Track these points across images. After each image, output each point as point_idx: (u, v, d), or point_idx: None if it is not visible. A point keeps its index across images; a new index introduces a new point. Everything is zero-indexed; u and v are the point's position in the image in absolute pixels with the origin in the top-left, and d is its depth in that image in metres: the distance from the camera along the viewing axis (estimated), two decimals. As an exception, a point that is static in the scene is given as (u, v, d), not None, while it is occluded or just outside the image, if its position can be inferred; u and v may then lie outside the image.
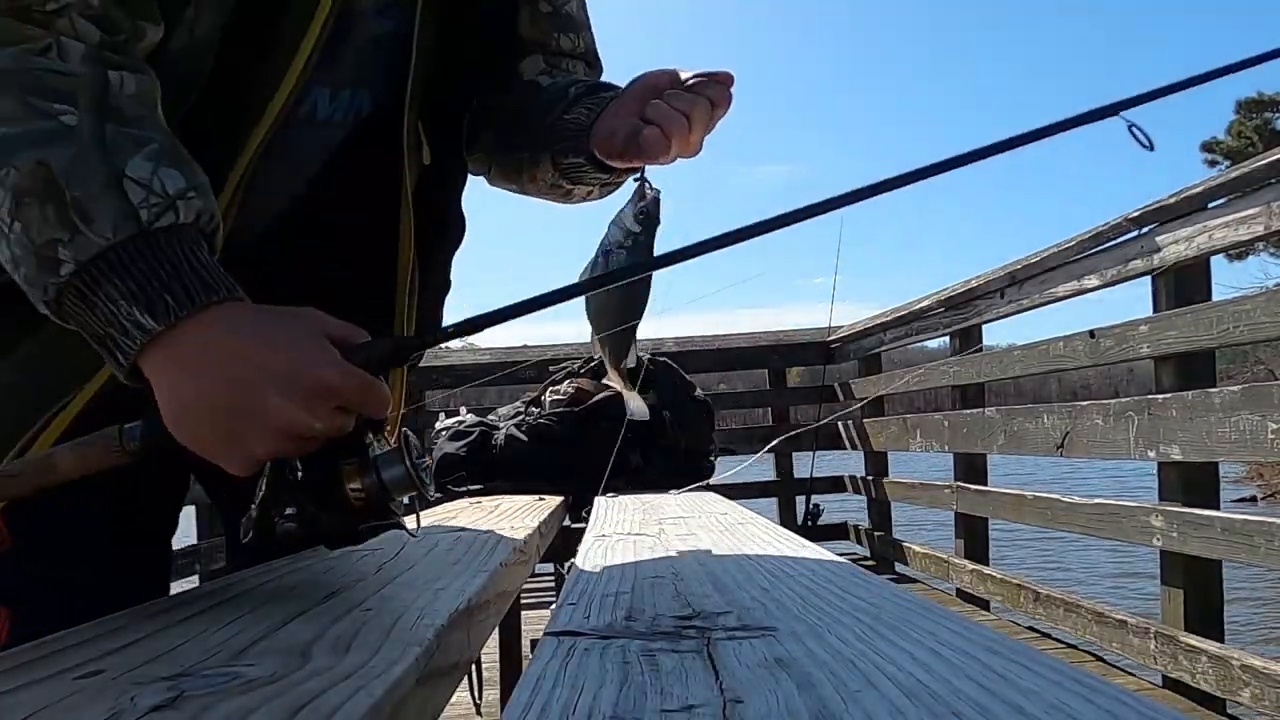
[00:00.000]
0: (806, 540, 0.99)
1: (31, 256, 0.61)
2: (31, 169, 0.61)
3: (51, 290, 0.62)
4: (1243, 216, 2.09)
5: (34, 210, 0.61)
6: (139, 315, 0.61)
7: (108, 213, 0.61)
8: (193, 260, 0.63)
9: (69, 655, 0.49)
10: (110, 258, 0.61)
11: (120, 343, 0.62)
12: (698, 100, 0.84)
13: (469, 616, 0.65)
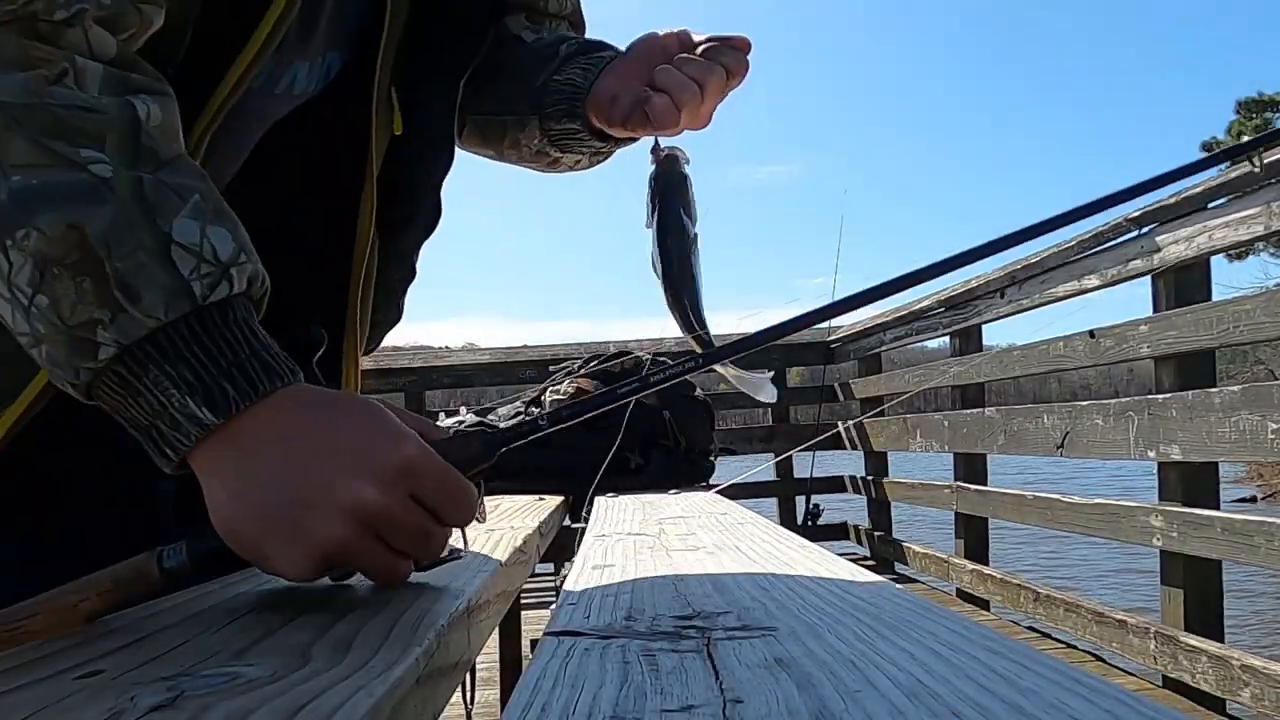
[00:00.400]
0: (806, 540, 0.99)
1: (62, 337, 0.53)
2: (61, 234, 0.51)
3: (85, 375, 0.54)
4: (1243, 216, 2.09)
5: (66, 284, 0.52)
6: (194, 407, 0.53)
7: (156, 288, 0.52)
8: (251, 340, 0.56)
9: (69, 655, 0.49)
10: (160, 340, 0.53)
11: (170, 437, 0.54)
12: (712, 68, 0.78)
13: (469, 616, 0.65)
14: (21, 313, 0.53)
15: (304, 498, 0.54)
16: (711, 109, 0.80)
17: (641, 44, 0.84)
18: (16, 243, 0.52)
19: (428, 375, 4.90)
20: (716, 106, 0.80)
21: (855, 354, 4.85)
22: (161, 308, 0.53)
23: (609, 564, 0.84)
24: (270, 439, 0.55)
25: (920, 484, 4.27)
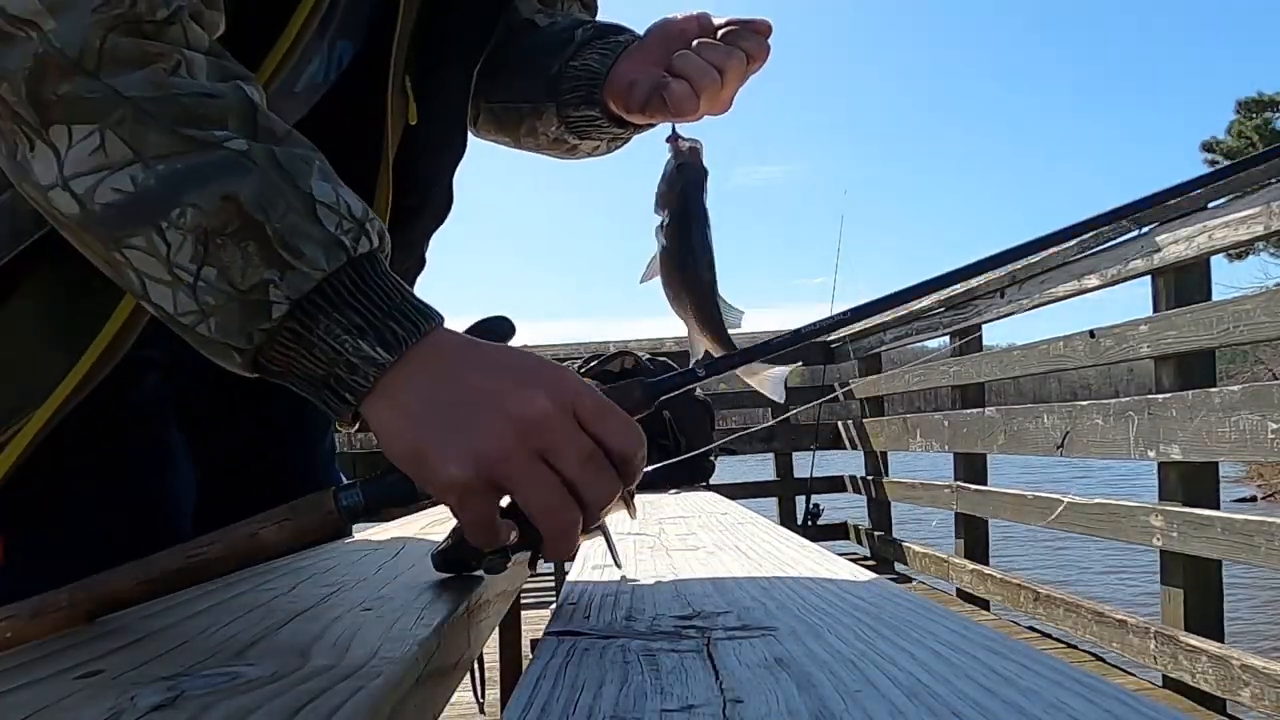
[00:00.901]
0: (806, 540, 0.99)
1: (235, 303, 0.54)
2: (218, 205, 0.53)
3: (259, 337, 0.55)
4: (1243, 216, 2.09)
5: (232, 251, 0.53)
6: (369, 349, 0.55)
7: (314, 243, 0.54)
8: (401, 287, 0.58)
9: (69, 655, 0.49)
10: (326, 291, 0.55)
11: (348, 381, 0.56)
12: (732, 53, 0.77)
13: (469, 616, 0.65)
14: (186, 291, 0.55)
15: (469, 399, 0.55)
16: (732, 94, 0.78)
17: (659, 28, 0.82)
18: (173, 223, 0.54)
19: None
20: (737, 91, 0.79)
21: (855, 354, 4.85)
22: (323, 259, 0.55)
23: (609, 564, 0.84)
24: (438, 367, 0.57)
25: (920, 484, 4.27)
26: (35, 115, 0.54)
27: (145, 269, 0.55)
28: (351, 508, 0.60)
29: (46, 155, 0.54)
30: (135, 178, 0.54)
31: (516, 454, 0.54)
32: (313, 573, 0.77)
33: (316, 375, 0.57)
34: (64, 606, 0.58)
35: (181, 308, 0.56)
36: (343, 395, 0.57)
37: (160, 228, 0.54)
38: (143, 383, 0.86)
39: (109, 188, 0.54)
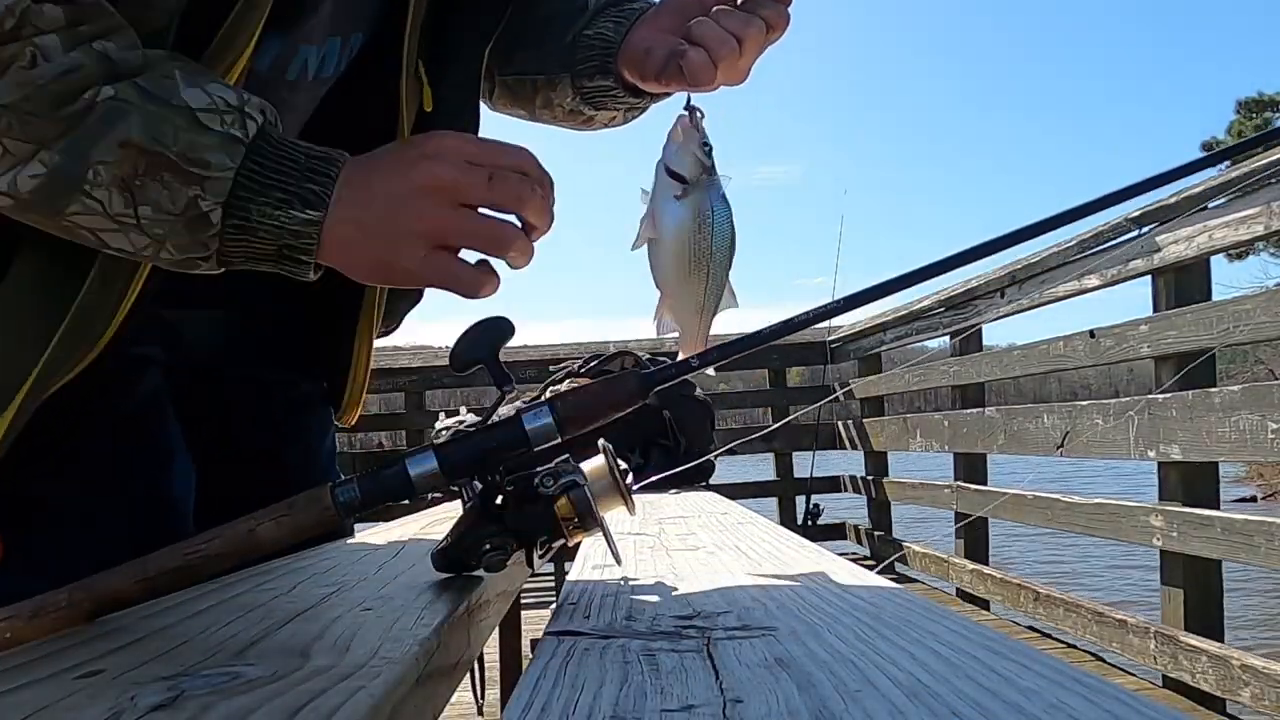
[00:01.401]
0: (806, 540, 0.99)
1: (180, 225, 0.61)
2: (119, 155, 0.59)
3: (212, 244, 0.62)
4: (1243, 216, 2.09)
5: (153, 186, 0.60)
6: (299, 213, 0.62)
7: (212, 149, 0.61)
8: (296, 149, 0.64)
9: (69, 655, 0.49)
10: (243, 183, 0.61)
11: (297, 245, 0.63)
12: (751, 20, 0.76)
13: (469, 616, 0.65)
14: (135, 231, 0.62)
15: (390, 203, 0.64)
16: (750, 64, 0.77)
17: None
18: (93, 183, 0.60)
19: (428, 375, 4.90)
20: (754, 61, 0.78)
21: (855, 354, 4.85)
22: (226, 159, 0.61)
23: (609, 564, 0.84)
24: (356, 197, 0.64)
25: (920, 484, 4.27)
26: None
27: (93, 225, 0.62)
28: (348, 503, 0.61)
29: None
30: (44, 160, 0.60)
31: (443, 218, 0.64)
32: (313, 573, 0.77)
33: (270, 252, 0.64)
34: (64, 606, 0.58)
35: (137, 245, 0.63)
36: (298, 259, 0.64)
37: (85, 191, 0.60)
38: (141, 381, 0.86)
39: (26, 177, 0.60)
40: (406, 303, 1.02)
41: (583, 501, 0.63)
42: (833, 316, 0.73)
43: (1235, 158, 2.15)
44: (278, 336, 0.99)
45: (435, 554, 0.68)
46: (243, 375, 0.98)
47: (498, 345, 0.66)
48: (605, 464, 0.66)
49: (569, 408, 0.63)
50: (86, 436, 0.81)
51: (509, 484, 0.64)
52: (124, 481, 0.84)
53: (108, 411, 0.82)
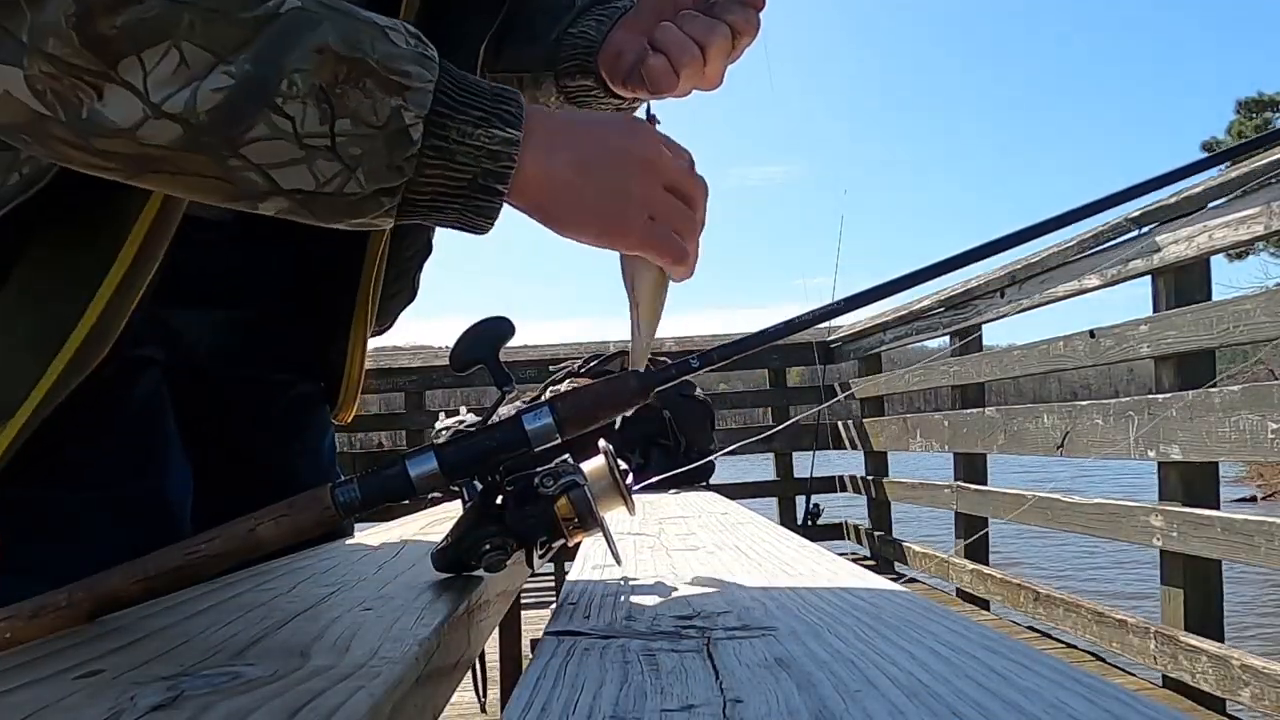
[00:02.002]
0: (806, 540, 0.99)
1: (379, 142, 0.55)
2: (317, 61, 0.54)
3: (409, 167, 0.57)
4: (1243, 216, 2.09)
5: (355, 95, 0.55)
6: (500, 131, 0.58)
7: (409, 62, 0.56)
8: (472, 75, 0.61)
9: (69, 655, 0.49)
10: (442, 99, 0.57)
11: (495, 170, 0.59)
12: (715, 26, 0.74)
13: (469, 616, 0.65)
14: (325, 155, 0.55)
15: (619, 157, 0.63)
16: (719, 70, 0.76)
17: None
18: (286, 95, 0.54)
19: (428, 375, 4.90)
20: (726, 67, 0.77)
21: (855, 354, 4.85)
22: (425, 74, 0.57)
23: (609, 564, 0.84)
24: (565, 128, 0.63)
25: (920, 484, 4.27)
26: (97, 58, 0.52)
27: (271, 158, 0.55)
28: (348, 503, 0.61)
29: (121, 95, 0.53)
30: (229, 72, 0.53)
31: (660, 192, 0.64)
32: (313, 573, 0.77)
33: (463, 181, 0.59)
34: (64, 606, 0.58)
35: (324, 175, 0.56)
36: (493, 188, 0.59)
37: (276, 105, 0.54)
38: (141, 382, 0.86)
39: (209, 91, 0.53)
40: (399, 302, 1.02)
41: (583, 501, 0.63)
42: (833, 317, 0.73)
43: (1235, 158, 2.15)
44: (275, 337, 0.99)
45: (435, 554, 0.68)
46: (242, 375, 0.98)
47: (498, 345, 0.66)
48: (605, 464, 0.66)
49: (569, 408, 0.63)
50: (85, 437, 0.81)
51: (509, 484, 0.64)
52: (122, 482, 0.84)
53: (107, 412, 0.82)
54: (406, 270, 0.99)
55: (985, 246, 0.71)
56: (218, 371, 0.95)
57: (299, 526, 0.61)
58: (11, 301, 0.71)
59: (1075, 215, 0.72)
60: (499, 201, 0.60)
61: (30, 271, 0.71)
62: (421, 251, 1.00)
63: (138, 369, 0.85)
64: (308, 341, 1.00)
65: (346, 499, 0.61)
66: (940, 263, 0.70)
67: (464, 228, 0.62)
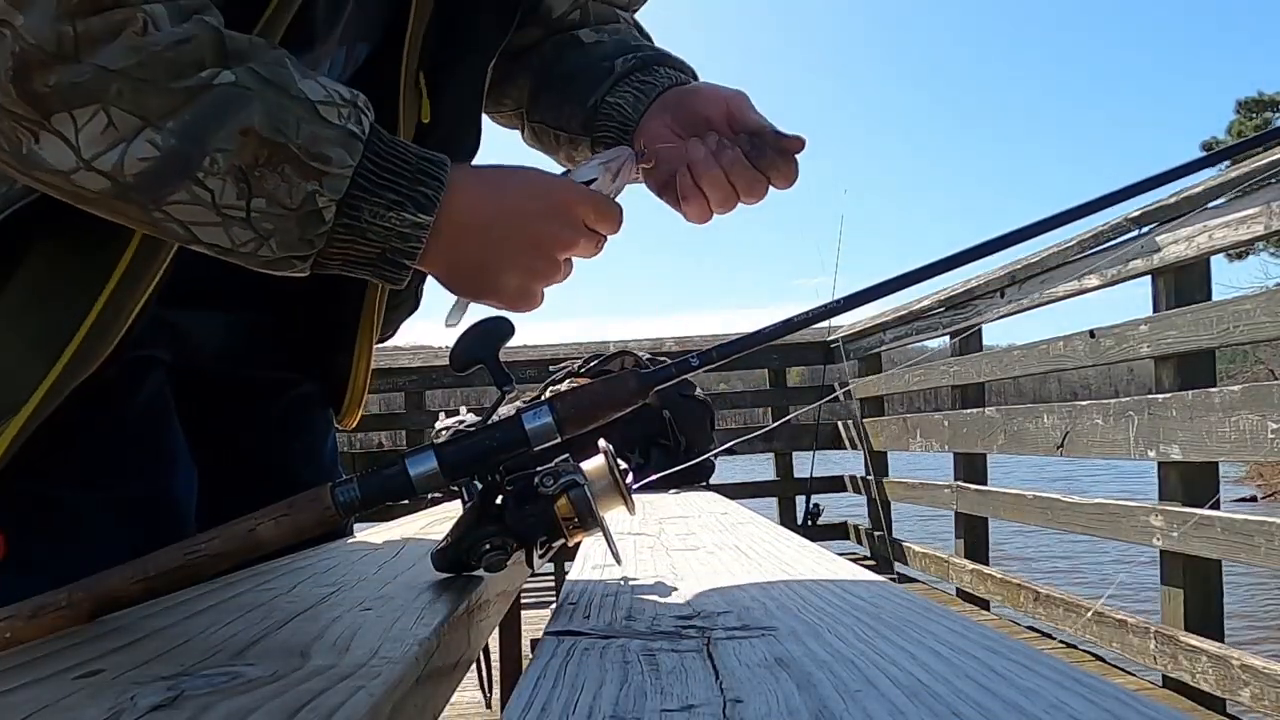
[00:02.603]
0: (807, 540, 0.99)
1: (291, 221, 0.59)
2: (240, 142, 0.57)
3: (318, 243, 0.61)
4: (1243, 216, 2.09)
5: (272, 178, 0.58)
6: (411, 215, 0.62)
7: (332, 144, 0.59)
8: (407, 149, 0.63)
9: (69, 655, 0.49)
10: (359, 182, 0.60)
11: (403, 249, 0.63)
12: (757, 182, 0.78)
13: (469, 616, 0.65)
14: (240, 225, 0.59)
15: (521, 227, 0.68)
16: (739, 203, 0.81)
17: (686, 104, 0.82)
18: (208, 171, 0.57)
19: (428, 375, 4.90)
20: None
21: (855, 354, 4.85)
22: (346, 156, 0.59)
23: (609, 564, 0.84)
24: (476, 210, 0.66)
25: (920, 484, 4.27)
26: (31, 110, 0.56)
27: (191, 218, 0.59)
28: (348, 503, 0.61)
29: (55, 143, 0.57)
30: (154, 141, 0.56)
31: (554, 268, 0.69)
32: (313, 573, 0.77)
33: (372, 255, 0.63)
34: (64, 606, 0.58)
35: (238, 240, 0.60)
36: (400, 263, 0.64)
37: (198, 179, 0.57)
38: (146, 382, 0.86)
39: (135, 158, 0.57)
40: (403, 313, 1.02)
41: (582, 501, 0.63)
42: (833, 316, 0.74)
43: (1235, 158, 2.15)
44: (281, 340, 0.99)
45: (435, 554, 0.68)
46: (246, 376, 0.98)
47: (498, 345, 0.66)
48: (605, 464, 0.66)
49: (568, 407, 0.63)
50: (90, 437, 0.81)
51: (509, 484, 0.64)
52: (126, 483, 0.84)
53: (112, 413, 0.82)
54: (411, 282, 0.99)
55: (985, 245, 0.71)
56: (221, 372, 0.96)
57: (299, 526, 0.61)
58: (20, 301, 0.71)
59: (1075, 214, 0.72)
60: (406, 273, 0.65)
61: (38, 271, 0.71)
62: None
63: (144, 369, 0.85)
64: (313, 345, 1.00)
65: (346, 499, 0.61)
66: (939, 261, 0.70)
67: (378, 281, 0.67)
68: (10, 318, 0.71)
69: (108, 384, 0.76)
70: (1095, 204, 0.73)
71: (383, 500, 0.62)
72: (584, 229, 0.69)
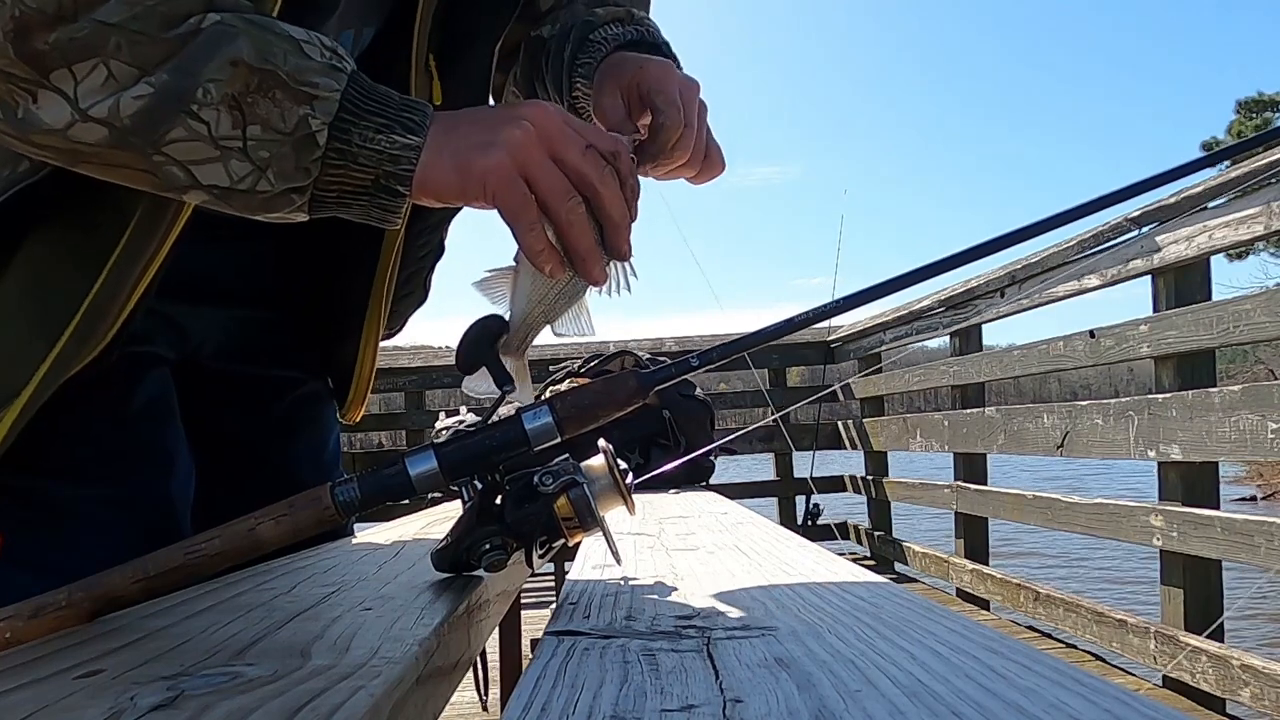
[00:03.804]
0: (806, 540, 0.99)
1: (288, 147, 0.60)
2: (230, 72, 0.58)
3: (315, 168, 0.61)
4: (1243, 216, 2.09)
5: (265, 104, 0.59)
6: (400, 138, 0.62)
7: (318, 74, 0.60)
8: (385, 88, 0.64)
9: (69, 655, 0.49)
10: (348, 106, 0.61)
11: (395, 173, 0.62)
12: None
13: (469, 616, 0.65)
14: (238, 156, 0.60)
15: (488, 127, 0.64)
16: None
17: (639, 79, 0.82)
18: (201, 103, 0.58)
19: (428, 375, 4.90)
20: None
21: (855, 354, 4.85)
22: (333, 83, 0.61)
23: (609, 564, 0.84)
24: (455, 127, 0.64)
25: (920, 484, 4.27)
26: (30, 69, 0.57)
27: (190, 156, 0.60)
28: (348, 502, 0.61)
29: (53, 100, 0.58)
30: (150, 82, 0.58)
31: (534, 149, 0.63)
32: (313, 573, 0.77)
33: (366, 182, 0.63)
34: (64, 606, 0.58)
35: (237, 173, 0.60)
36: (394, 189, 0.63)
37: (192, 111, 0.58)
38: (148, 379, 0.86)
39: (130, 99, 0.58)
40: (411, 304, 1.03)
41: (582, 501, 0.63)
42: (832, 316, 0.73)
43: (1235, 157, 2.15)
44: (284, 335, 0.99)
45: (435, 554, 0.68)
46: (249, 373, 0.98)
47: (496, 343, 0.66)
48: (605, 463, 0.66)
49: (568, 407, 0.63)
50: (90, 435, 0.81)
51: (509, 483, 0.64)
52: (125, 481, 0.84)
53: (114, 410, 0.82)
54: (419, 271, 1.00)
55: (985, 245, 0.71)
56: (224, 370, 0.96)
57: (299, 526, 0.61)
58: (20, 284, 0.71)
59: (1075, 214, 0.72)
60: (402, 201, 0.64)
61: (37, 254, 0.71)
62: (434, 252, 1.01)
63: (146, 366, 0.85)
64: (317, 340, 1.00)
65: (346, 498, 0.61)
66: (939, 261, 0.71)
67: (373, 222, 0.65)
68: (11, 300, 0.72)
69: (110, 381, 0.76)
70: (1095, 204, 0.73)
71: (383, 500, 0.62)
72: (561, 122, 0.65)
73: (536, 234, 0.63)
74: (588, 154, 0.64)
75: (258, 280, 0.95)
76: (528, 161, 0.63)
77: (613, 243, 0.66)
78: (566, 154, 0.64)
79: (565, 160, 0.64)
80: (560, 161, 0.63)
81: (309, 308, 0.98)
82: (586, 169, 0.64)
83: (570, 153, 0.64)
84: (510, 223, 0.64)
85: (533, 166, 0.63)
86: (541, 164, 0.63)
